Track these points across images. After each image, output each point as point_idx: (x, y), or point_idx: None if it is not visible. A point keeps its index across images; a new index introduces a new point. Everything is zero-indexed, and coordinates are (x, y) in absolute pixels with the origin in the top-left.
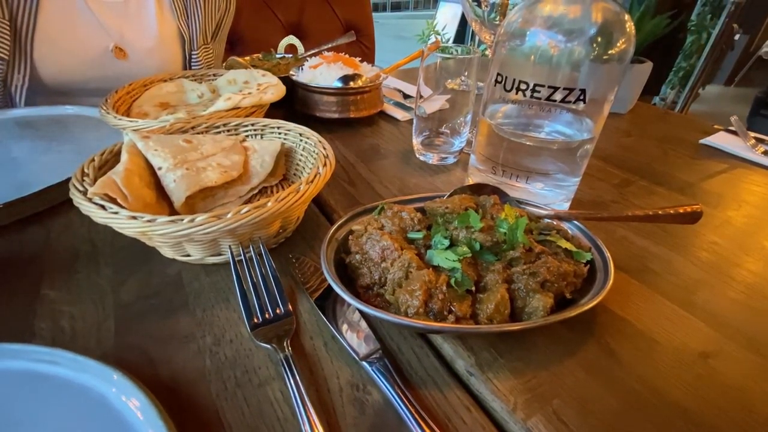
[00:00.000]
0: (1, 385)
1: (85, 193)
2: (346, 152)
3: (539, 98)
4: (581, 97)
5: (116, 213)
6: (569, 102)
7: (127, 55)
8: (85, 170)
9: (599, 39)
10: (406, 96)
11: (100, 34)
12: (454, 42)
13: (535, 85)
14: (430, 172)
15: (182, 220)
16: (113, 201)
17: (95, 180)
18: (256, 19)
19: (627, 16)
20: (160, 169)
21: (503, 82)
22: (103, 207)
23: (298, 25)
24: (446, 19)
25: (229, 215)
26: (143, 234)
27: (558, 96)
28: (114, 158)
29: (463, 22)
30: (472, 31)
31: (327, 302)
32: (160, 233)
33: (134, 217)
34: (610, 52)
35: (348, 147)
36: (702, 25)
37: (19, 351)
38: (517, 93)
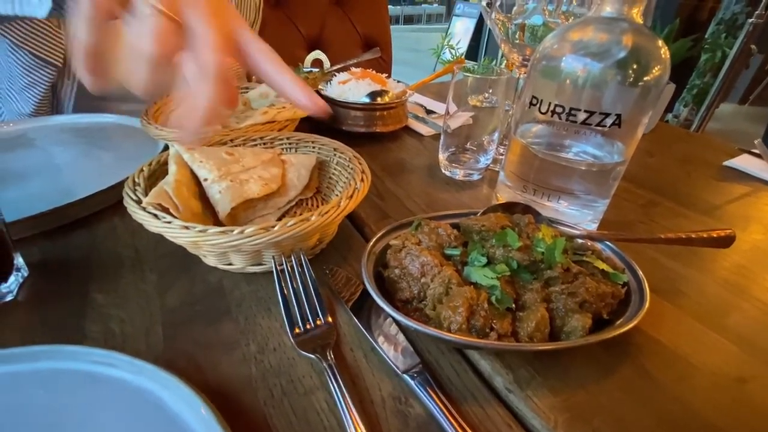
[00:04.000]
0: (62, 385)
1: (138, 202)
2: (373, 166)
3: (575, 121)
4: (617, 122)
5: (169, 222)
6: (605, 126)
7: None
8: (136, 180)
9: (635, 65)
10: (428, 111)
11: None
12: (467, 56)
13: (571, 109)
14: (457, 187)
15: (232, 231)
16: (165, 210)
17: (146, 189)
18: (279, 33)
19: (661, 42)
20: (205, 180)
21: (538, 105)
22: (156, 216)
23: (319, 38)
24: (459, 33)
25: (276, 228)
26: (194, 243)
27: (594, 120)
28: (161, 168)
29: (476, 37)
30: (486, 46)
31: (361, 314)
32: (211, 243)
33: (186, 227)
34: (645, 78)
35: (374, 161)
36: (716, 44)
37: (77, 353)
38: (552, 116)
